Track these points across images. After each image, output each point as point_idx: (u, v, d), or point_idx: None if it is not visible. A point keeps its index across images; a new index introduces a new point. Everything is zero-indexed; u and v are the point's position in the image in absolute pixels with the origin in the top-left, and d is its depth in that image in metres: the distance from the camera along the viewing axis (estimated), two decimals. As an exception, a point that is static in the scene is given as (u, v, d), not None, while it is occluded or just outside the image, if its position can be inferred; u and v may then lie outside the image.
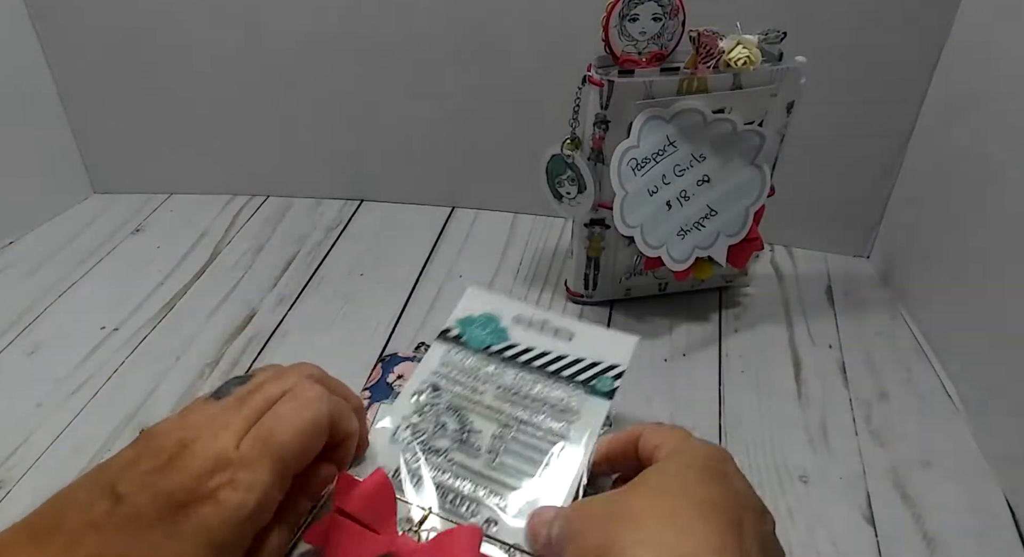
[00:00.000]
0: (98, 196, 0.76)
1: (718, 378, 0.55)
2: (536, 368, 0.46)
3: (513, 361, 0.46)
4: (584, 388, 0.44)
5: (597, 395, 0.44)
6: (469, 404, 0.44)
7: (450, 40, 0.65)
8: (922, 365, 0.56)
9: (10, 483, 0.46)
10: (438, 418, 0.43)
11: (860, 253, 0.69)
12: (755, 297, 0.63)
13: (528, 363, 0.46)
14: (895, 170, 0.64)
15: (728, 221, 0.55)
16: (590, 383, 0.44)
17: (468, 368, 0.46)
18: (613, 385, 0.44)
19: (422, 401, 0.44)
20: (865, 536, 0.43)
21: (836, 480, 0.47)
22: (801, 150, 0.57)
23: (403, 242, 0.70)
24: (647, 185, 0.52)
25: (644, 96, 0.51)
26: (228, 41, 0.67)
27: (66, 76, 0.70)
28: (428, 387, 0.45)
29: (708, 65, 0.50)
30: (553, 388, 0.44)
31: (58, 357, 0.55)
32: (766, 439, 0.50)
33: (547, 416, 0.43)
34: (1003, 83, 0.51)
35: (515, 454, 0.41)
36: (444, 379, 0.45)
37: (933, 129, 0.60)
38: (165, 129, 0.73)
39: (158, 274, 0.65)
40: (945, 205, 0.58)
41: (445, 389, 0.45)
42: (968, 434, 0.51)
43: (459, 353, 0.47)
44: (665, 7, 0.50)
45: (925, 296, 0.60)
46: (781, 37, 0.52)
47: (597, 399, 0.44)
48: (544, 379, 0.45)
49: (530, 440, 0.42)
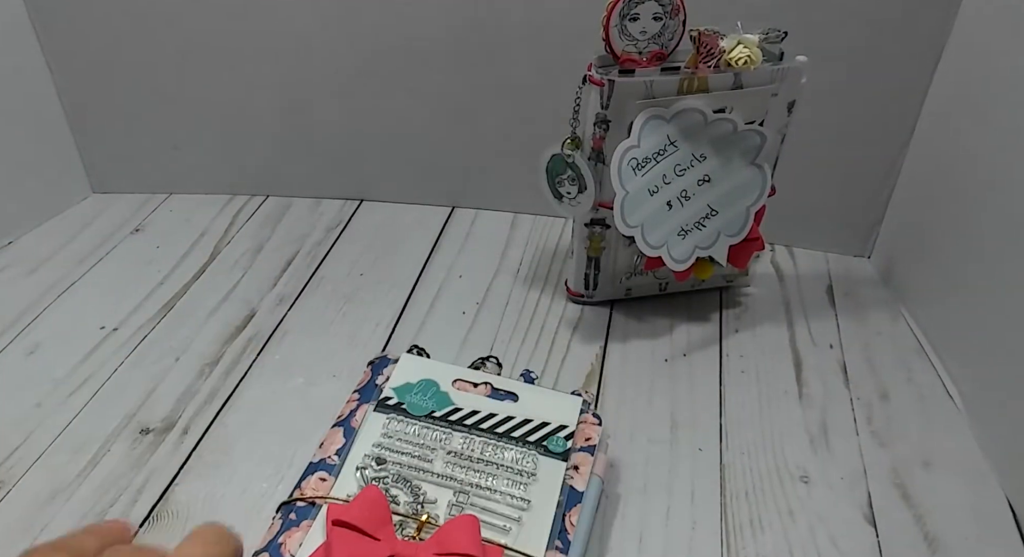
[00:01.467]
0: (98, 196, 0.76)
1: (719, 378, 0.55)
2: (484, 430, 0.43)
3: (460, 425, 0.43)
4: (537, 448, 0.42)
5: (551, 456, 0.42)
6: (419, 473, 0.41)
7: (450, 40, 0.65)
8: (923, 365, 0.56)
9: (10, 483, 0.46)
10: (387, 492, 0.39)
11: (861, 253, 0.69)
12: (756, 297, 0.63)
13: (475, 425, 0.43)
14: (896, 170, 0.64)
15: (729, 221, 0.55)
16: (542, 444, 0.42)
17: (412, 436, 0.42)
18: (566, 445, 0.42)
19: (368, 475, 0.40)
20: (866, 536, 0.43)
21: (837, 480, 0.47)
22: (802, 150, 0.57)
23: (403, 242, 0.70)
24: (648, 185, 0.52)
25: (645, 96, 0.51)
26: (228, 41, 0.67)
27: (66, 76, 0.70)
28: (372, 460, 0.41)
29: (709, 65, 0.50)
30: (505, 450, 0.42)
31: (57, 357, 0.55)
32: (767, 439, 0.50)
33: (503, 479, 0.40)
34: (1003, 83, 0.51)
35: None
36: (388, 450, 0.42)
37: (934, 129, 0.60)
38: (165, 129, 0.73)
39: (158, 274, 0.65)
40: (946, 205, 0.58)
41: (391, 460, 0.41)
42: (969, 434, 0.50)
43: (400, 422, 0.43)
44: (666, 6, 0.50)
45: (926, 296, 0.60)
46: (782, 37, 0.51)
47: (552, 460, 0.41)
48: (494, 441, 0.42)
49: (490, 505, 0.39)
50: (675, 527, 0.44)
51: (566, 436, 0.43)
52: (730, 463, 0.48)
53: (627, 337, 0.58)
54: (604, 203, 0.55)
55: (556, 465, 0.41)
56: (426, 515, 0.38)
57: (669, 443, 0.49)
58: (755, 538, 0.43)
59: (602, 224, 0.57)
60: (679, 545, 0.43)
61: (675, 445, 0.49)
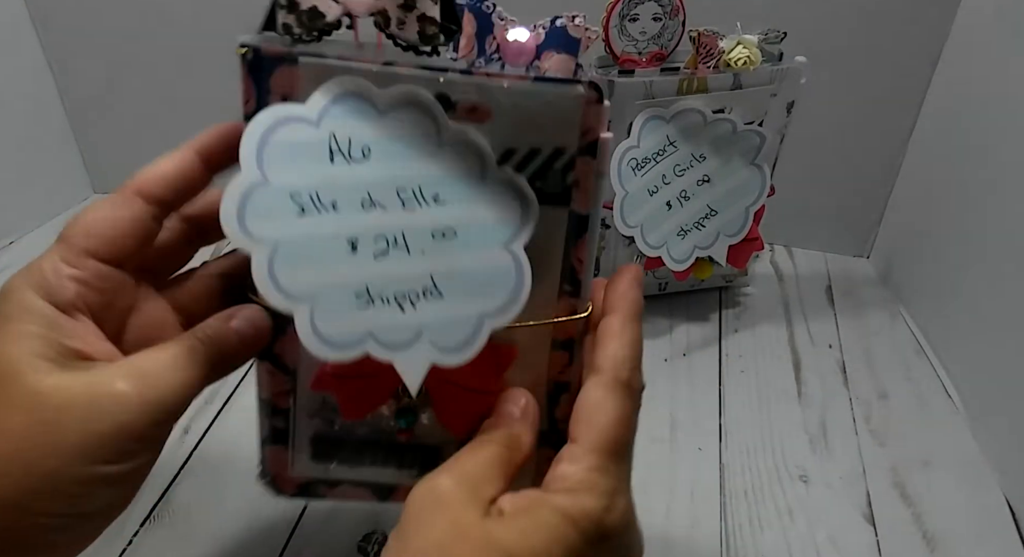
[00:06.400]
0: (98, 196, 0.76)
1: (718, 378, 0.55)
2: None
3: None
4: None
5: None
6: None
7: (450, 40, 0.65)
8: (922, 365, 0.56)
9: (10, 483, 0.46)
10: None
11: (860, 253, 0.69)
12: (755, 297, 0.63)
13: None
14: (895, 170, 0.64)
15: (728, 221, 0.55)
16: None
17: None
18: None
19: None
20: (865, 536, 0.43)
21: (836, 480, 0.47)
22: (801, 150, 0.57)
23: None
24: (647, 185, 0.52)
25: (644, 96, 0.51)
26: (228, 41, 0.67)
27: (67, 76, 0.70)
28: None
29: (708, 65, 0.50)
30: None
31: (58, 357, 0.55)
32: (766, 439, 0.50)
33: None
34: (1003, 83, 0.51)
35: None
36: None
37: (933, 129, 0.60)
38: (165, 129, 0.73)
39: (158, 274, 0.65)
40: (945, 205, 0.58)
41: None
42: (968, 433, 0.51)
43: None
44: (665, 7, 0.50)
45: (925, 296, 0.60)
46: (781, 37, 0.52)
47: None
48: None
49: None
50: (675, 526, 0.44)
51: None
52: (729, 462, 0.48)
53: (627, 337, 0.58)
54: (604, 203, 0.55)
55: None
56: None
57: (668, 442, 0.49)
58: (754, 537, 0.43)
59: (602, 224, 0.57)
60: (679, 544, 0.43)
61: (675, 444, 0.49)
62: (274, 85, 0.28)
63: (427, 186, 0.28)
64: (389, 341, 0.29)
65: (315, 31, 0.29)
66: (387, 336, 0.29)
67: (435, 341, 0.29)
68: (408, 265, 0.28)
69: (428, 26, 0.29)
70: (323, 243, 0.28)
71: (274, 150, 0.27)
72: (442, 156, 0.28)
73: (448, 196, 0.28)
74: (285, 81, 0.27)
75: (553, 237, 0.30)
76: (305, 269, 0.28)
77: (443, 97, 0.28)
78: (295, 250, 0.28)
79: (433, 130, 0.28)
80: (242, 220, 0.27)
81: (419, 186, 0.28)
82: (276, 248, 0.27)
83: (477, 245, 0.29)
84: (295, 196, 0.27)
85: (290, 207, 0.27)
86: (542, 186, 0.30)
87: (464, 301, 0.29)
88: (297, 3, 0.29)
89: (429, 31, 0.29)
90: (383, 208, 0.28)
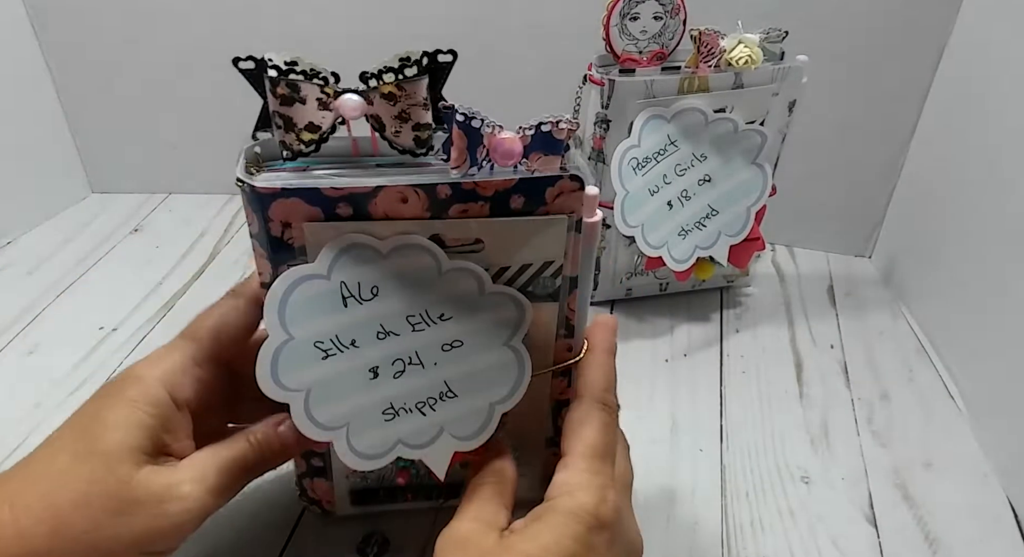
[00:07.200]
0: (97, 196, 0.76)
1: (719, 378, 0.55)
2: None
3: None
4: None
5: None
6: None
7: (450, 40, 0.65)
8: (924, 365, 0.56)
9: (8, 483, 0.45)
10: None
11: (862, 253, 0.69)
12: (756, 297, 0.63)
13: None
14: (897, 170, 0.64)
15: (729, 221, 0.55)
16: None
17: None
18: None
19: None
20: (867, 537, 0.43)
21: (838, 481, 0.47)
22: (803, 149, 0.57)
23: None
24: (648, 185, 0.52)
25: (645, 95, 0.51)
26: (228, 41, 0.67)
27: (65, 76, 0.70)
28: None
29: (709, 64, 0.50)
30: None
31: (56, 357, 0.55)
32: (767, 439, 0.49)
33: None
34: (1003, 83, 0.51)
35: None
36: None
37: (934, 129, 0.60)
38: (164, 129, 0.73)
39: (157, 274, 0.64)
40: (946, 205, 0.57)
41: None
42: (970, 434, 0.50)
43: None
44: (666, 6, 0.50)
45: (927, 296, 0.60)
46: (782, 36, 0.51)
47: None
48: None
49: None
50: (676, 527, 0.44)
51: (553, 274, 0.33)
52: (731, 463, 0.48)
53: (627, 337, 0.58)
54: (604, 203, 0.55)
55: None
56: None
57: (669, 443, 0.49)
58: (755, 538, 0.43)
59: (602, 224, 0.57)
60: (680, 545, 0.42)
61: (676, 445, 0.49)
62: (273, 215, 0.30)
63: (432, 309, 0.32)
64: (416, 443, 0.33)
65: (312, 144, 0.32)
66: (414, 439, 0.33)
67: (454, 433, 0.33)
68: (424, 377, 0.32)
69: (423, 132, 0.32)
70: (348, 377, 0.31)
71: (294, 309, 0.30)
72: (443, 283, 0.31)
73: (452, 313, 0.32)
74: (283, 210, 0.30)
75: (548, 324, 0.34)
76: (336, 403, 0.32)
77: (437, 238, 0.31)
78: (325, 390, 0.31)
79: (432, 264, 0.31)
80: (276, 377, 0.30)
81: (425, 310, 0.31)
82: (309, 392, 0.31)
83: (482, 348, 0.33)
84: (319, 344, 0.31)
85: (315, 354, 0.31)
86: (534, 290, 0.33)
87: (476, 396, 0.33)
88: (294, 123, 0.31)
89: (424, 136, 0.32)
90: (396, 335, 0.31)
